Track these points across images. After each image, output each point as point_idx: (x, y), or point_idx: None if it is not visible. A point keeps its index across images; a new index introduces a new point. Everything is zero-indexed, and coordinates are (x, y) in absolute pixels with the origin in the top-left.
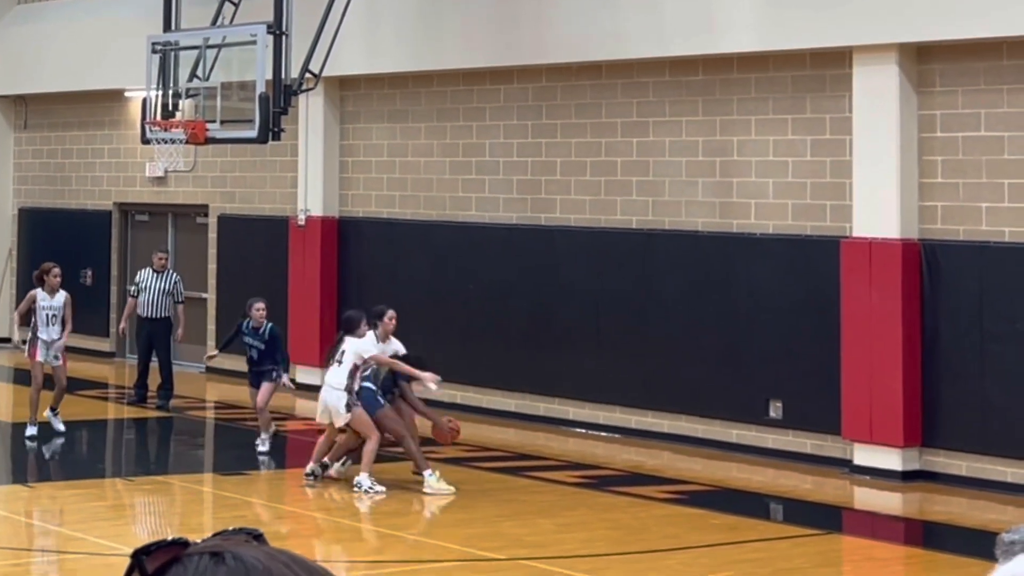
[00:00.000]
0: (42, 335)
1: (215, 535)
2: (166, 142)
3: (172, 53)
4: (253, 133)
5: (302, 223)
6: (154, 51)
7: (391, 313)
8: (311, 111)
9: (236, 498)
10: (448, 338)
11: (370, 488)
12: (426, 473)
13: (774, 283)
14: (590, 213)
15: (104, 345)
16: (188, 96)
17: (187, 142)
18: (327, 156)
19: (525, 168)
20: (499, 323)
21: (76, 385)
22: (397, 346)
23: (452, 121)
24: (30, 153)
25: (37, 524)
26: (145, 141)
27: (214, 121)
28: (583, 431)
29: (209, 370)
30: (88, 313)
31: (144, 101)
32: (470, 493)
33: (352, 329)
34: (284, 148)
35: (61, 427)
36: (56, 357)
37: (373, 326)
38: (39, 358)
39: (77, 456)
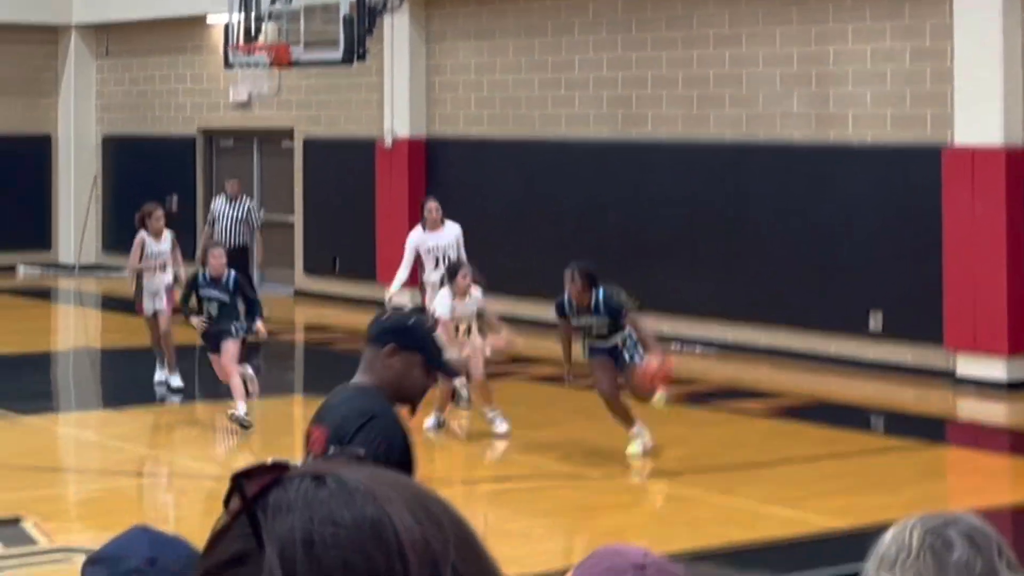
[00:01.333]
0: (148, 286)
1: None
2: (249, 66)
3: None
4: (338, 55)
5: (389, 145)
6: None
7: (463, 271)
8: (396, 31)
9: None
10: (539, 258)
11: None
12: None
13: (873, 194)
14: (682, 128)
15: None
16: (271, 19)
17: (271, 66)
18: (413, 76)
19: (615, 83)
20: (591, 241)
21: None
22: (472, 304)
23: (540, 37)
24: (112, 81)
25: (131, 448)
26: (228, 66)
27: (298, 44)
28: (678, 347)
29: (297, 293)
30: (176, 239)
31: (226, 26)
32: (562, 410)
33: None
34: (369, 69)
35: (177, 382)
36: (163, 309)
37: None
38: (147, 312)
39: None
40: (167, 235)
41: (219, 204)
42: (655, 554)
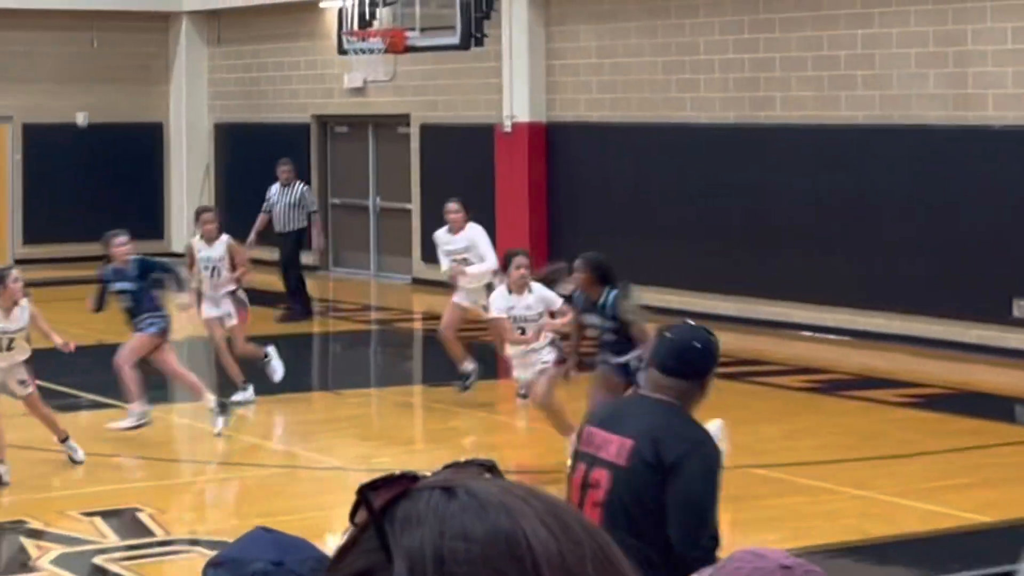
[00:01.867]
0: (206, 291)
1: (446, 467)
2: (364, 52)
3: None
4: (455, 39)
5: (508, 129)
6: None
7: (518, 261)
8: (514, 14)
9: (448, 409)
10: (663, 243)
11: None
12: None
13: (1013, 176)
14: (812, 110)
15: (308, 258)
16: (385, 4)
17: (386, 51)
18: (532, 60)
19: (742, 65)
20: (717, 226)
21: (277, 299)
22: (536, 300)
23: (663, 19)
24: (224, 68)
25: (246, 438)
26: (342, 52)
27: (413, 29)
28: (809, 334)
29: (415, 281)
30: None
31: (340, 11)
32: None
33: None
34: (487, 54)
35: (247, 395)
36: (229, 315)
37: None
38: (206, 315)
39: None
40: (222, 240)
41: (273, 190)
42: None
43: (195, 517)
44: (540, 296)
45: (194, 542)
